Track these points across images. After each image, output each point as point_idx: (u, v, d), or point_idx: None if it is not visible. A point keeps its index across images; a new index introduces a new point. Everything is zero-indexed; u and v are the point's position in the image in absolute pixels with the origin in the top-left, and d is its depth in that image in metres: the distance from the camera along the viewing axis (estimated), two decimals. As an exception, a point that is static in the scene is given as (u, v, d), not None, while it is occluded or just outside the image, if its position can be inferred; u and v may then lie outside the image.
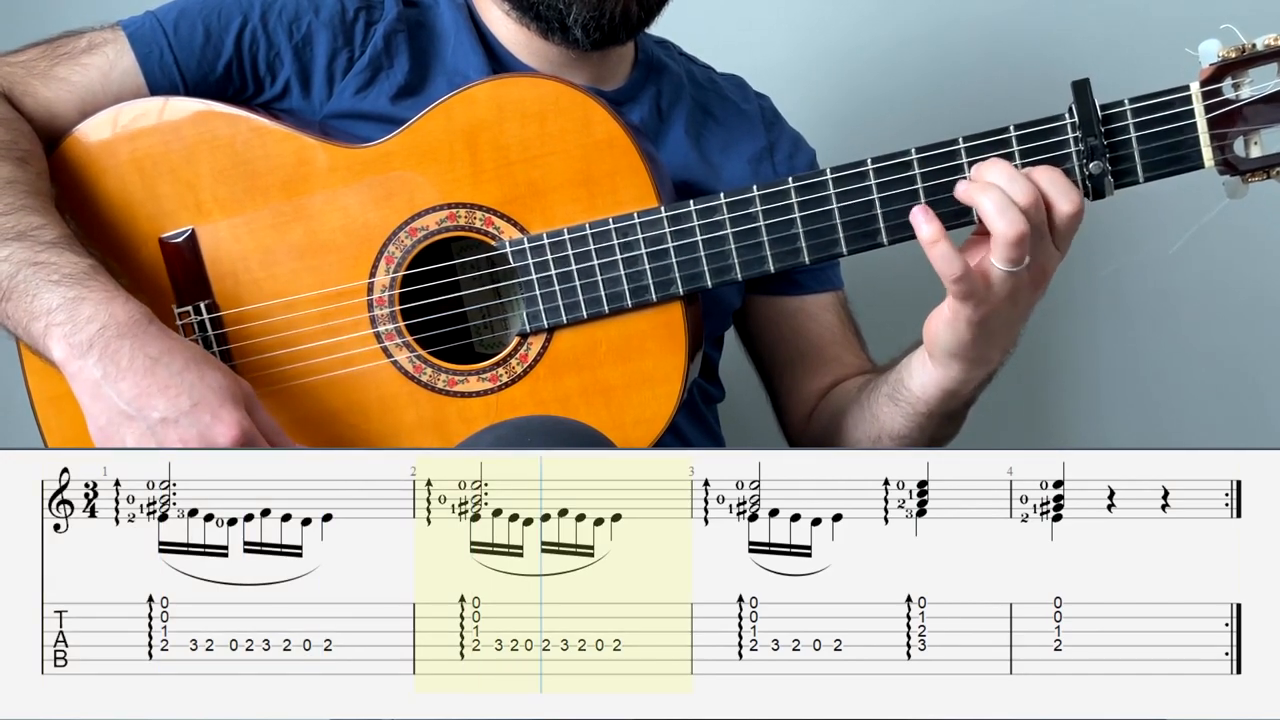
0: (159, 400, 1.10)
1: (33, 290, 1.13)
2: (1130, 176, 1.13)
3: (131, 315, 1.12)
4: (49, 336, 1.12)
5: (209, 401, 1.10)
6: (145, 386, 1.10)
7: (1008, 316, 1.13)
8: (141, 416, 1.10)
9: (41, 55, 1.31)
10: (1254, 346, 1.90)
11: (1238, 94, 1.10)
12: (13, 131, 1.25)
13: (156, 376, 1.10)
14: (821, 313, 1.49)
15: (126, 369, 1.10)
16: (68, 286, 1.13)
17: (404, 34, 1.35)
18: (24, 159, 1.23)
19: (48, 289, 1.13)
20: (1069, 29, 1.87)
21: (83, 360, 1.11)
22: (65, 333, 1.11)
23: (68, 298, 1.12)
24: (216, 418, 1.10)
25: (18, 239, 1.15)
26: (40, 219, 1.17)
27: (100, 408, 1.11)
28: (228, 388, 1.12)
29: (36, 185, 1.22)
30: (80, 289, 1.13)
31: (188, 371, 1.11)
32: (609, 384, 1.24)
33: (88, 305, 1.12)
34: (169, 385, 1.10)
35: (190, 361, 1.12)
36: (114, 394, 1.10)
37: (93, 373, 1.10)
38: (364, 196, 1.25)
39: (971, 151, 1.13)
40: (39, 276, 1.13)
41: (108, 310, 1.12)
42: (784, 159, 1.48)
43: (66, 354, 1.11)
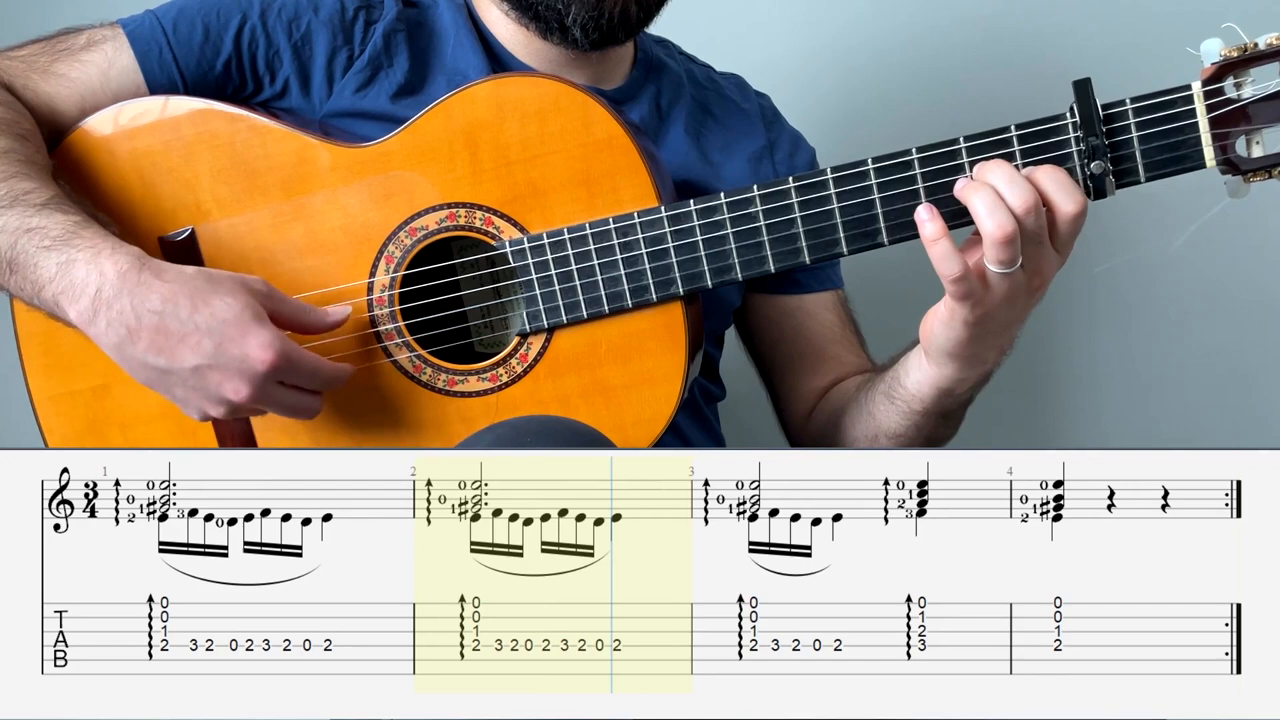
0: (183, 351, 1.10)
1: (32, 259, 1.14)
2: (1131, 176, 1.13)
3: (120, 268, 1.11)
4: (58, 305, 1.13)
5: (230, 335, 1.10)
6: (163, 344, 1.10)
7: (1004, 318, 1.13)
8: (176, 372, 1.11)
9: (41, 51, 1.31)
10: (1254, 347, 1.90)
11: (1239, 93, 1.09)
12: (14, 112, 1.26)
13: (170, 330, 1.10)
14: (822, 312, 1.49)
15: (136, 329, 1.10)
16: (58, 251, 1.13)
17: (403, 33, 1.35)
18: (24, 135, 1.24)
19: (42, 256, 1.13)
20: (1070, 28, 1.86)
21: (93, 329, 1.12)
22: (69, 300, 1.12)
23: (60, 264, 1.12)
24: (245, 351, 1.10)
25: (11, 205, 1.16)
26: (32, 183, 1.18)
27: (134, 367, 1.13)
28: (241, 308, 1.11)
29: (33, 157, 1.22)
30: (69, 250, 1.13)
31: (197, 313, 1.11)
32: (609, 384, 1.24)
33: (79, 267, 1.12)
34: (186, 334, 1.10)
35: (196, 299, 1.11)
36: (141, 359, 1.11)
37: (109, 337, 1.11)
38: (364, 196, 1.25)
39: (972, 151, 1.13)
40: (34, 244, 1.14)
41: (98, 269, 1.11)
42: (784, 158, 1.48)
43: (80, 322, 1.12)
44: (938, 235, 1.09)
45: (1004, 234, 1.06)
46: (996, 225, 1.07)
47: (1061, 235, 1.10)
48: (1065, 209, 1.09)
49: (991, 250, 1.07)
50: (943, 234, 1.09)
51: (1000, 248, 1.07)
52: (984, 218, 1.07)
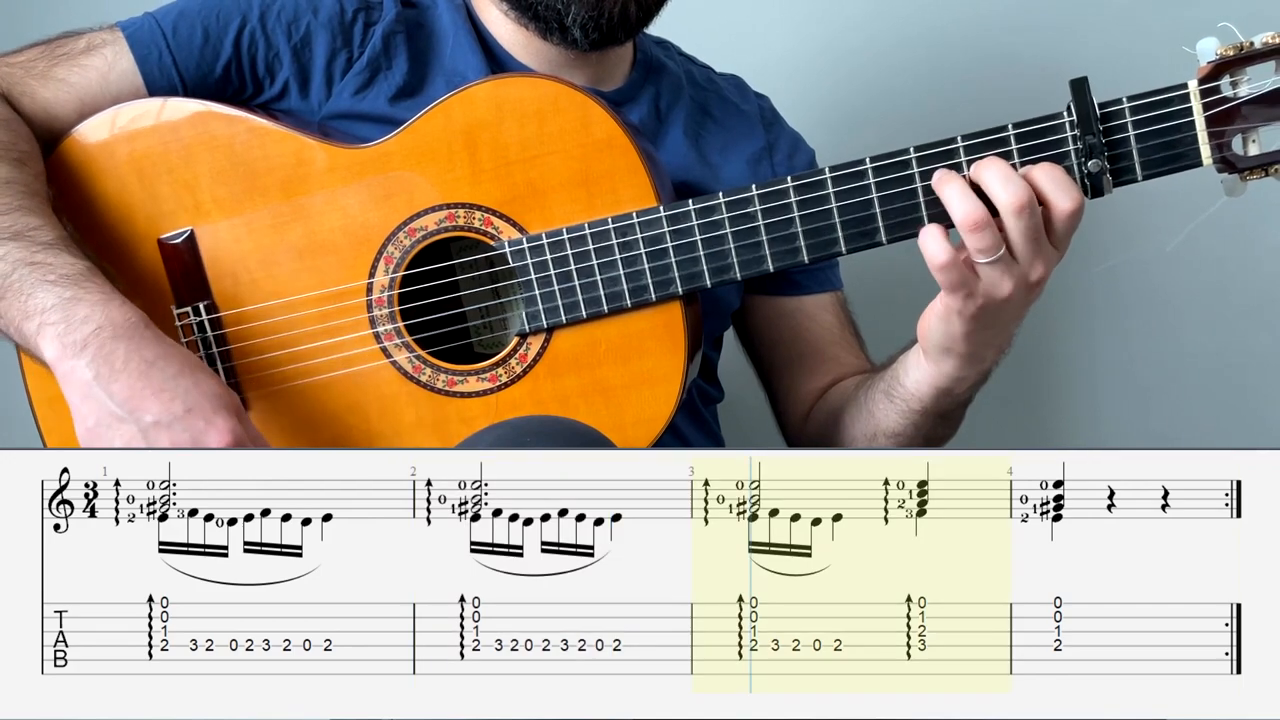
0: (152, 403, 1.09)
1: (28, 289, 1.12)
2: (1128, 175, 1.13)
3: (128, 318, 1.12)
4: (41, 335, 1.11)
5: (203, 408, 1.10)
6: (139, 389, 1.09)
7: (999, 313, 1.14)
8: (133, 419, 1.09)
9: (40, 56, 1.30)
10: (1254, 347, 1.90)
11: (1236, 92, 1.10)
12: (11, 133, 1.25)
13: (151, 380, 1.10)
14: (820, 313, 1.49)
15: (120, 370, 1.09)
16: (64, 287, 1.12)
17: (402, 35, 1.35)
18: (22, 160, 1.23)
19: (43, 288, 1.12)
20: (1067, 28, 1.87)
21: (75, 360, 1.10)
22: (59, 332, 1.11)
23: (64, 297, 1.12)
24: (210, 424, 1.10)
25: (14, 239, 1.15)
26: (37, 220, 1.17)
27: (90, 408, 1.10)
28: (221, 396, 1.11)
29: (33, 186, 1.22)
30: (77, 289, 1.12)
31: (182, 377, 1.10)
32: (609, 384, 1.24)
33: (84, 305, 1.11)
34: (163, 389, 1.09)
35: (185, 367, 1.11)
36: (105, 395, 1.09)
37: (85, 373, 1.10)
38: (363, 197, 1.25)
39: (970, 150, 1.13)
40: (35, 276, 1.13)
41: (104, 312, 1.11)
42: (783, 159, 1.48)
43: (59, 353, 1.10)
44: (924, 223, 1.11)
45: (972, 220, 1.08)
46: (964, 212, 1.08)
47: (1058, 232, 1.11)
48: (1062, 206, 1.09)
49: (966, 239, 1.09)
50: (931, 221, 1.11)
51: (973, 235, 1.08)
52: (954, 206, 1.09)
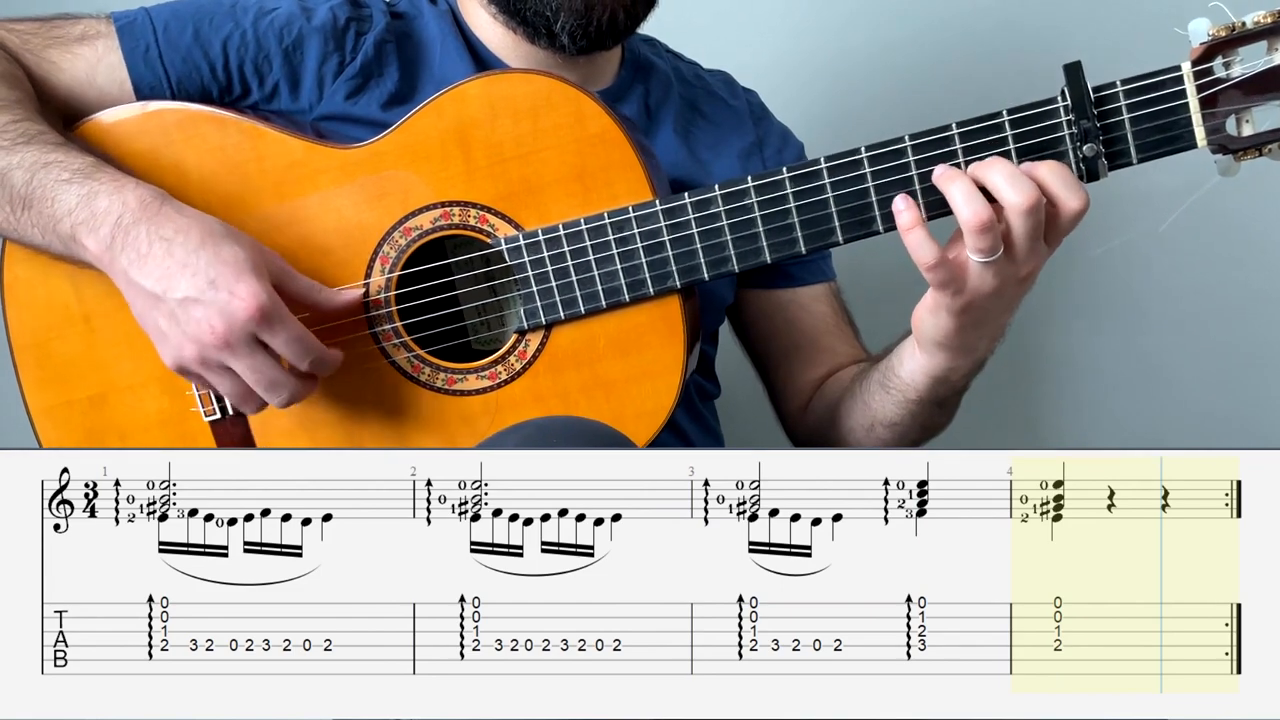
0: (180, 279, 1.12)
1: (49, 194, 1.15)
2: (1124, 158, 1.13)
3: (142, 199, 1.14)
4: (76, 236, 1.15)
5: (224, 276, 1.11)
6: (166, 268, 1.12)
7: (990, 307, 1.14)
8: (166, 298, 1.12)
9: (36, 32, 1.31)
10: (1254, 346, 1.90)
11: (1228, 73, 1.09)
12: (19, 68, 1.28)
13: (174, 256, 1.12)
14: (814, 304, 1.49)
15: (146, 254, 1.12)
16: (79, 184, 1.15)
17: (393, 44, 1.35)
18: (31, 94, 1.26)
19: (63, 189, 1.15)
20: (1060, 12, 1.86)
21: (110, 254, 1.13)
22: (89, 229, 1.14)
23: (82, 195, 1.15)
24: (233, 293, 1.11)
25: (28, 142, 1.18)
26: (44, 126, 1.21)
27: (134, 294, 1.14)
28: (245, 259, 1.13)
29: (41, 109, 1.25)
30: (91, 183, 1.15)
31: (204, 248, 1.12)
32: (609, 378, 1.24)
33: (102, 198, 1.14)
34: (185, 264, 1.12)
35: (206, 236, 1.13)
36: (142, 280, 1.12)
37: (122, 264, 1.13)
38: (357, 197, 1.25)
39: (965, 137, 1.13)
40: (51, 178, 1.16)
41: (120, 199, 1.14)
42: (773, 153, 1.48)
43: (98, 251, 1.14)
44: (912, 224, 1.10)
45: (980, 222, 1.07)
46: (973, 213, 1.07)
47: (1061, 231, 1.11)
48: (1070, 205, 1.09)
49: (970, 239, 1.08)
50: (917, 223, 1.10)
51: (978, 235, 1.07)
52: (960, 206, 1.08)
